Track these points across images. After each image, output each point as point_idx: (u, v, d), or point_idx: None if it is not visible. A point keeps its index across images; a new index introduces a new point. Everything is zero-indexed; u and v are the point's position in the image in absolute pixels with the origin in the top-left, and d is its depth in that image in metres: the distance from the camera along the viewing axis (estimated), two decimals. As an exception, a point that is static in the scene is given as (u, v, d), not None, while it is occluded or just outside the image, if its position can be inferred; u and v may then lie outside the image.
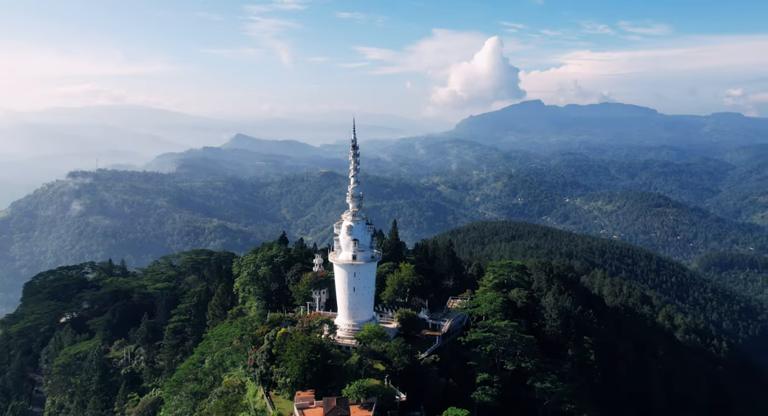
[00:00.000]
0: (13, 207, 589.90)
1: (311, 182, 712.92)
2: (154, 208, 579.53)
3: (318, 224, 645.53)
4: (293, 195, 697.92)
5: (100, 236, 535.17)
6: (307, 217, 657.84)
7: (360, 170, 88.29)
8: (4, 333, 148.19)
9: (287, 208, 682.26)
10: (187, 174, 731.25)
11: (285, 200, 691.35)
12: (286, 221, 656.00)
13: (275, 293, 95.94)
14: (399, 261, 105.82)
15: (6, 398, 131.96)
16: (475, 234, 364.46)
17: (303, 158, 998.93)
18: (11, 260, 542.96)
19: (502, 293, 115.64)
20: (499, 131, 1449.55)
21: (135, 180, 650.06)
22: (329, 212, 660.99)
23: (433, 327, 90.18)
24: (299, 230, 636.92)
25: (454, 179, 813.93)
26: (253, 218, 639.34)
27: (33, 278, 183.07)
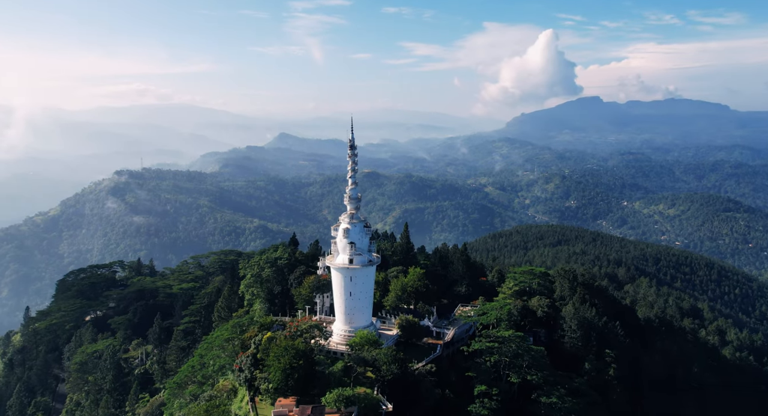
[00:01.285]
0: (62, 205, 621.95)
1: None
2: (196, 207, 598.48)
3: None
4: (335, 196, 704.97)
5: (143, 234, 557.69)
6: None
7: (358, 170, 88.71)
8: (32, 329, 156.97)
9: (328, 209, 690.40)
10: (229, 174, 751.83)
11: (326, 200, 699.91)
12: (327, 222, 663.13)
13: (278, 296, 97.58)
14: (409, 266, 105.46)
15: (31, 393, 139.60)
16: (518, 238, 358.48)
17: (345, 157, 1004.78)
18: (60, 258, 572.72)
19: (522, 301, 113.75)
20: (552, 129, 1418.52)
21: (178, 179, 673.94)
22: (371, 213, 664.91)
23: (437, 335, 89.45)
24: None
25: (503, 180, 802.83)
26: (294, 219, 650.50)
27: (65, 275, 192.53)
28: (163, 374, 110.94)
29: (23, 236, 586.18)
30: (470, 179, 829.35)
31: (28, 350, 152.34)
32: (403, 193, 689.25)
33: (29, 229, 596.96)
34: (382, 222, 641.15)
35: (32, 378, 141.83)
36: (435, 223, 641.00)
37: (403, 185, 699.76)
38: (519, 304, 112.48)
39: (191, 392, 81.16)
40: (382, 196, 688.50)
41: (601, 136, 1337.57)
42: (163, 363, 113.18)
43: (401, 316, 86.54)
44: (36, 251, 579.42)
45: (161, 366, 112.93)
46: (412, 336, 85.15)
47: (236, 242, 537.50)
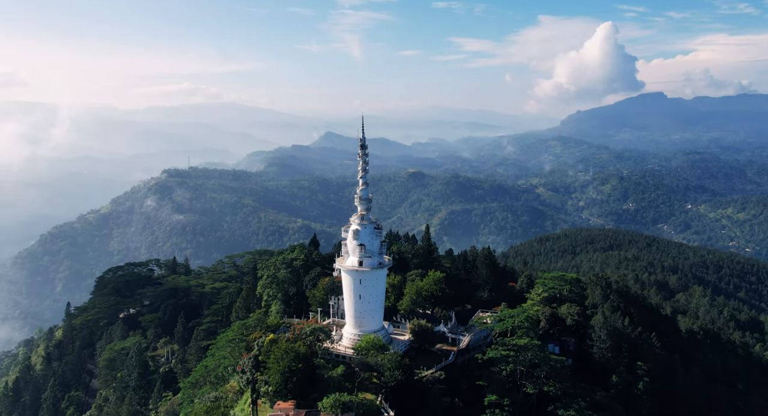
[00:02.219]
0: (113, 203, 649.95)
1: (398, 182, 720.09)
2: (241, 207, 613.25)
3: (404, 226, 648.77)
4: (379, 196, 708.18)
5: (189, 233, 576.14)
6: (392, 219, 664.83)
7: (369, 170, 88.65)
8: (68, 325, 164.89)
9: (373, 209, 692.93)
10: (274, 173, 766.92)
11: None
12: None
13: (294, 297, 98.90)
14: (430, 269, 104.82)
15: (66, 387, 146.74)
16: (566, 242, 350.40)
17: (392, 157, 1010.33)
18: (110, 255, 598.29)
19: (550, 308, 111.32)
20: (611, 127, 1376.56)
21: (224, 178, 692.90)
22: (416, 214, 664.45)
23: (453, 342, 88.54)
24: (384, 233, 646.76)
25: (556, 181, 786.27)
26: (337, 219, 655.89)
27: (104, 272, 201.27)
28: (184, 373, 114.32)
29: (76, 234, 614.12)
30: (520, 179, 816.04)
31: (65, 345, 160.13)
32: (450, 194, 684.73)
33: (82, 226, 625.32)
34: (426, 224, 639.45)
35: (67, 372, 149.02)
36: (482, 225, 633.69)
37: (449, 185, 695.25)
38: (547, 311, 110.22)
39: (203, 393, 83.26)
40: (428, 197, 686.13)
41: (665, 134, 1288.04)
42: (186, 361, 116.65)
43: (414, 321, 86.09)
44: (88, 248, 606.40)
45: (184, 365, 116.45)
46: (425, 341, 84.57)
47: (279, 242, 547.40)
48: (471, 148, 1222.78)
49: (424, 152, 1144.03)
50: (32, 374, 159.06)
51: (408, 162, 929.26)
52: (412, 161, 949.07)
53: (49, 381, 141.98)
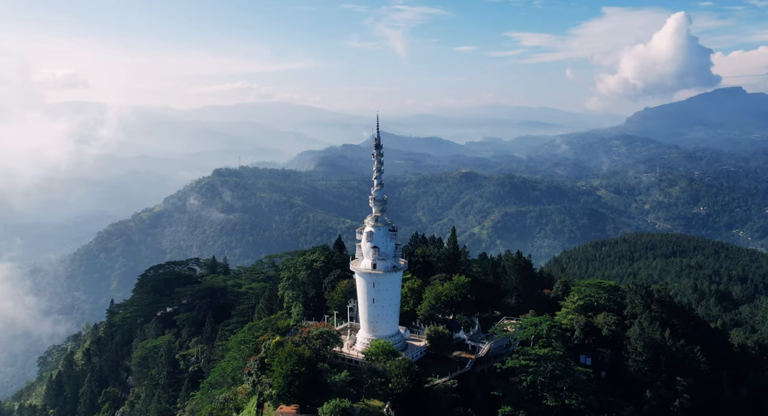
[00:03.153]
0: (166, 202, 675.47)
1: (450, 182, 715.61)
2: (290, 206, 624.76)
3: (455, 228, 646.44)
4: (430, 196, 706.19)
5: (239, 232, 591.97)
6: (443, 221, 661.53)
7: (384, 170, 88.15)
8: (108, 322, 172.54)
9: (423, 210, 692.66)
10: (323, 173, 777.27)
11: (421, 201, 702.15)
12: (421, 225, 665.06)
13: (313, 299, 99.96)
14: (455, 273, 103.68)
15: (104, 383, 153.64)
16: (624, 248, 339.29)
17: (445, 157, 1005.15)
18: (163, 253, 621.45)
19: (585, 317, 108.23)
20: (682, 125, 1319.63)
21: (274, 178, 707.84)
22: (467, 216, 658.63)
23: (473, 349, 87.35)
24: (434, 235, 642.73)
25: (618, 183, 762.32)
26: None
27: (146, 270, 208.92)
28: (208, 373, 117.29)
29: (131, 231, 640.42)
30: (580, 180, 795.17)
31: (104, 341, 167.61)
32: (504, 195, 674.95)
33: (136, 225, 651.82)
34: (479, 226, 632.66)
35: (105, 368, 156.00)
36: (538, 228, 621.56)
37: (503, 186, 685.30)
38: (582, 320, 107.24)
39: (219, 394, 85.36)
40: (480, 198, 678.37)
41: (744, 132, 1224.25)
42: (211, 361, 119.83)
43: (430, 326, 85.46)
44: (142, 246, 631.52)
45: (209, 364, 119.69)
46: (442, 348, 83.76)
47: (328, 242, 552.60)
48: (528, 147, 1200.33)
49: (478, 152, 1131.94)
50: (74, 369, 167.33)
51: (461, 162, 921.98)
52: (465, 161, 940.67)
53: (85, 376, 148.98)
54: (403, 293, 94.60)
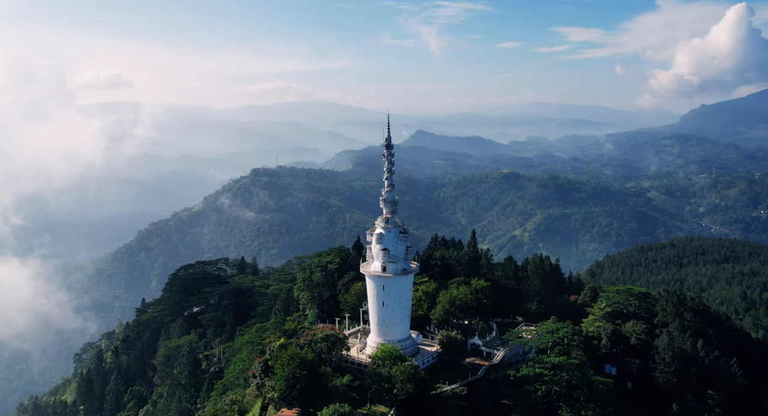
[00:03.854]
0: (204, 202, 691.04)
1: (490, 183, 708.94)
2: (327, 207, 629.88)
3: (495, 231, 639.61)
4: (470, 198, 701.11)
5: (275, 233, 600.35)
6: (483, 223, 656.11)
7: (395, 171, 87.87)
8: (135, 320, 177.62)
9: (462, 212, 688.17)
10: (361, 173, 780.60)
11: (461, 202, 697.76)
12: (460, 226, 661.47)
13: (327, 301, 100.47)
14: (474, 277, 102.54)
15: (130, 381, 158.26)
16: (672, 253, 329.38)
17: (486, 157, 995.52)
18: (201, 253, 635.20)
19: (613, 325, 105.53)
20: (742, 123, 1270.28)
21: (311, 178, 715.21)
22: (509, 218, 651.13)
23: (488, 356, 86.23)
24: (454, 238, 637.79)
25: (671, 184, 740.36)
26: (425, 222, 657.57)
27: (177, 270, 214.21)
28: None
29: (170, 231, 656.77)
30: (630, 182, 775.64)
31: (132, 340, 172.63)
32: (547, 196, 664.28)
33: (175, 224, 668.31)
34: (520, 229, 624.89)
35: (131, 367, 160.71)
36: (583, 231, 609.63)
37: (546, 187, 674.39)
38: (609, 328, 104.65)
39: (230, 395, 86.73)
40: (522, 199, 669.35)
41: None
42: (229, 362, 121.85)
43: (443, 331, 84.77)
44: (181, 245, 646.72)
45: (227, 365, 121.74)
46: (454, 354, 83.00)
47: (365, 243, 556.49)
48: (574, 147, 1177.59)
49: (521, 152, 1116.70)
50: (104, 366, 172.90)
51: (503, 162, 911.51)
52: (507, 161, 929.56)
53: (113, 374, 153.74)
54: (418, 297, 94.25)
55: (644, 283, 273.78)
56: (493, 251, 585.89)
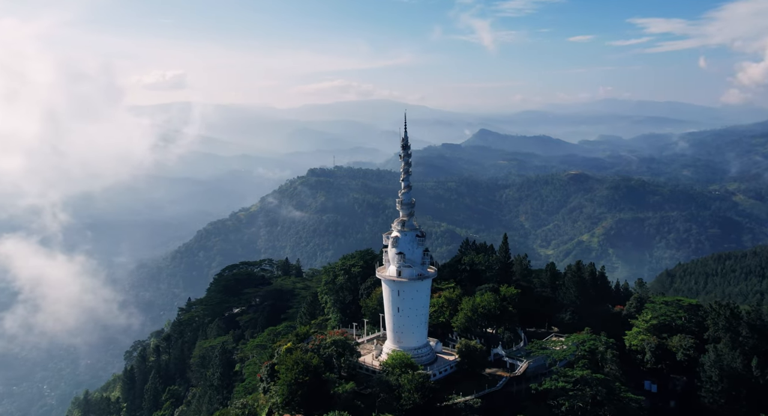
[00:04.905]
0: (262, 202, 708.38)
1: (557, 185, 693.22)
2: (383, 208, 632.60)
3: (561, 235, 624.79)
4: (534, 200, 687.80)
5: (331, 234, 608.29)
6: (548, 226, 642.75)
7: (412, 172, 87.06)
8: (177, 319, 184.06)
9: (526, 215, 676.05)
10: (420, 173, 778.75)
11: (524, 205, 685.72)
12: (523, 230, 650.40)
13: (350, 305, 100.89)
14: (505, 283, 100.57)
15: (169, 380, 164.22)
16: (754, 262, 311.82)
17: (553, 157, 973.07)
18: (258, 253, 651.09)
19: (657, 338, 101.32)
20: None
21: (368, 178, 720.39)
22: (575, 222, 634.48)
23: (511, 367, 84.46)
24: (538, 241, 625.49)
25: (761, 187, 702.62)
26: (485, 224, 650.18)
27: (222, 270, 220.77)
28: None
29: (228, 231, 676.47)
30: (713, 184, 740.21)
31: (174, 339, 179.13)
32: (618, 199, 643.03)
33: (233, 224, 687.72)
34: (588, 233, 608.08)
35: (171, 366, 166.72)
36: (658, 237, 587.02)
37: (618, 189, 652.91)
38: (653, 342, 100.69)
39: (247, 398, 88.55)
40: (591, 202, 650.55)
41: None
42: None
43: (462, 340, 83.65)
44: (238, 245, 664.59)
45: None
46: (473, 364, 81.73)
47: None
48: (651, 146, 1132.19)
49: (592, 152, 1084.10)
50: (147, 364, 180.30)
51: (572, 163, 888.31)
52: (576, 162, 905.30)
53: (151, 372, 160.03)
54: (440, 303, 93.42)
55: (719, 295, 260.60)
56: (558, 256, 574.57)
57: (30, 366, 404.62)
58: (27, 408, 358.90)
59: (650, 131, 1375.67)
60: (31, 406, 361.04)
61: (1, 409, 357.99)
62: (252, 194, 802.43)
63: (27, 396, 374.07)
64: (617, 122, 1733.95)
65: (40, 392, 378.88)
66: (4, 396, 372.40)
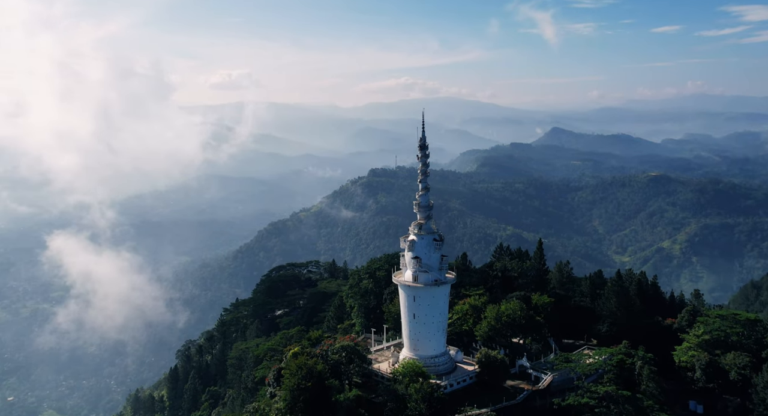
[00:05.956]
0: (322, 202, 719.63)
1: (635, 187, 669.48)
2: (446, 210, 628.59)
3: (639, 241, 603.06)
4: (609, 203, 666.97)
5: (391, 236, 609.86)
6: (625, 232, 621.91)
7: (429, 173, 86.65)
8: (220, 320, 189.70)
9: (600, 219, 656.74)
10: (486, 174, 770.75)
11: (598, 209, 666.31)
12: (596, 235, 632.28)
13: (374, 310, 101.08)
14: (538, 291, 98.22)
15: (210, 381, 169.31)
16: None
17: (633, 157, 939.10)
18: (317, 254, 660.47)
19: (710, 355, 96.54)
20: None
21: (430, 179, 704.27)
22: (655, 228, 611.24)
23: (536, 380, 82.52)
24: (613, 248, 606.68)
25: None
26: (555, 229, 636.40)
27: (269, 271, 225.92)
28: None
29: (288, 231, 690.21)
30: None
31: (217, 339, 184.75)
32: (704, 204, 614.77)
33: (293, 224, 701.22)
34: (669, 240, 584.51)
35: (212, 366, 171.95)
36: (749, 245, 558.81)
37: (703, 193, 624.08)
38: (704, 359, 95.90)
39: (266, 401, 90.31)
40: (673, 207, 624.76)
41: None
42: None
43: (482, 350, 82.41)
44: (298, 246, 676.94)
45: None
46: (494, 375, 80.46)
47: (486, 250, 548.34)
48: (746, 146, 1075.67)
49: (677, 151, 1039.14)
50: (191, 363, 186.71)
51: (653, 163, 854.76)
52: (658, 162, 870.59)
53: (190, 372, 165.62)
54: (464, 310, 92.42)
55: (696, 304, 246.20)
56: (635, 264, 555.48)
57: (98, 362, 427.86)
58: (95, 401, 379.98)
59: (745, 129, 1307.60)
60: (99, 400, 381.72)
61: (71, 402, 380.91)
62: (314, 194, 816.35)
63: (95, 390, 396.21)
64: (707, 119, 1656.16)
65: (107, 387, 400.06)
66: (75, 390, 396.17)
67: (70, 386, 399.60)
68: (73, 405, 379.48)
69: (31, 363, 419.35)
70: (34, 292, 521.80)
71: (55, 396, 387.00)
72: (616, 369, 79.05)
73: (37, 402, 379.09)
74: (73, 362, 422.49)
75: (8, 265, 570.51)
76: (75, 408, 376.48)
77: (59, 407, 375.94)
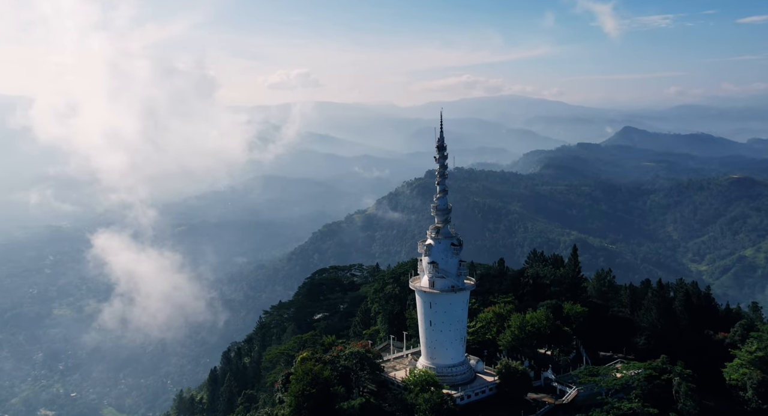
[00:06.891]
0: (377, 204, 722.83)
1: (715, 190, 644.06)
2: (506, 213, 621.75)
3: (718, 249, 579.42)
4: (685, 208, 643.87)
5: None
6: (702, 238, 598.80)
7: (448, 175, 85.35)
8: (260, 323, 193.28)
9: (674, 224, 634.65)
10: (549, 175, 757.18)
11: (672, 213, 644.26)
12: (671, 242, 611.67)
13: (398, 316, 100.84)
14: (572, 299, 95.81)
15: (246, 384, 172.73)
16: None
17: (713, 158, 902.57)
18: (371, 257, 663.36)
19: (764, 373, 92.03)
20: None
21: (490, 181, 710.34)
22: (737, 235, 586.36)
23: (561, 394, 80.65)
24: (689, 255, 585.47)
25: None
26: (624, 234, 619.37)
27: (313, 274, 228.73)
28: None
29: (343, 233, 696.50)
30: None
31: (255, 342, 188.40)
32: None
33: (348, 226, 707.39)
34: (753, 248, 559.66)
35: (249, 369, 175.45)
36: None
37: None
38: (757, 377, 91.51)
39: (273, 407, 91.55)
40: (758, 212, 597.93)
41: None
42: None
43: (502, 360, 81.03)
44: (352, 248, 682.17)
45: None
46: (514, 387, 79.11)
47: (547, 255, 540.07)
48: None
49: (765, 152, 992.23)
50: (230, 366, 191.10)
51: (735, 165, 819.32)
52: (742, 164, 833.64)
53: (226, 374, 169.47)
54: (488, 318, 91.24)
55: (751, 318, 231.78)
56: (713, 273, 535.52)
57: (156, 361, 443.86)
58: (153, 401, 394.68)
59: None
60: (156, 399, 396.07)
61: (130, 401, 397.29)
62: (369, 196, 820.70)
63: (153, 389, 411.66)
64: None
65: (164, 386, 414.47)
66: (134, 389, 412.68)
67: (129, 384, 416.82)
68: (131, 403, 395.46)
69: (93, 360, 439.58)
70: (88, 290, 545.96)
71: (115, 393, 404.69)
72: (644, 384, 76.27)
73: (97, 398, 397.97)
74: (132, 361, 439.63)
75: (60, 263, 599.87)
76: (133, 406, 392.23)
77: (118, 405, 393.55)
